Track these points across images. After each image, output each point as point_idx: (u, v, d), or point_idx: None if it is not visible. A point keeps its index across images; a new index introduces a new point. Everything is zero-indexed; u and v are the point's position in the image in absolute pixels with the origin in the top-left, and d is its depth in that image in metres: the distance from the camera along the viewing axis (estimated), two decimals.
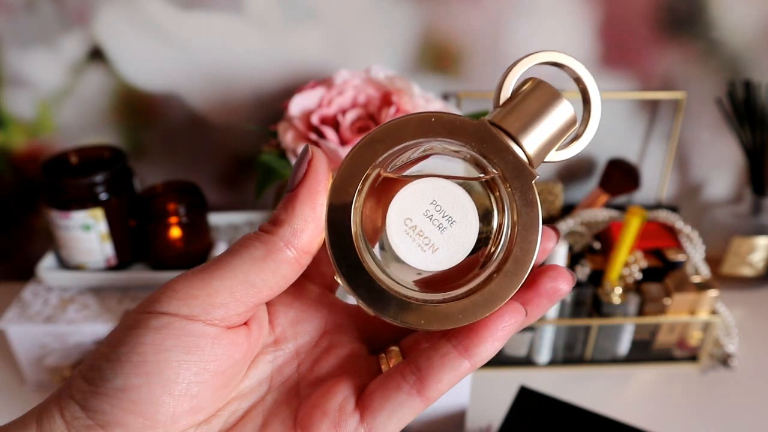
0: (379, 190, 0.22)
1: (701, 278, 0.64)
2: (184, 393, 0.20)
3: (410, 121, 0.22)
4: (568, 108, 0.23)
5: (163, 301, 0.20)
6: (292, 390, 0.24)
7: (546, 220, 0.72)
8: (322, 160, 0.22)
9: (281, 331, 0.25)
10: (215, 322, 0.21)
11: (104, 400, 0.20)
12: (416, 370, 0.22)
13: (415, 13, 0.66)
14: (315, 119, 0.56)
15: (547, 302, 0.22)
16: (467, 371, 0.22)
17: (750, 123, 0.69)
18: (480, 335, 0.21)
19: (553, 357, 0.66)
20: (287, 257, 0.21)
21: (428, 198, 0.22)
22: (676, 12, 0.67)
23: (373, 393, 0.22)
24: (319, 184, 0.21)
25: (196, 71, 0.68)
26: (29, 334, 0.59)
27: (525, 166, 0.22)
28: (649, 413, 0.61)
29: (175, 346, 0.20)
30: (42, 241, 0.77)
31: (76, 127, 0.71)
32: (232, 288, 0.21)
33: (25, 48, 0.66)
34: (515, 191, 0.22)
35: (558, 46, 0.68)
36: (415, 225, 0.22)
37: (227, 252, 0.22)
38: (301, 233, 0.21)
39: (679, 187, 0.78)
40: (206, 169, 0.74)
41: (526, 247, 0.21)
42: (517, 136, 0.22)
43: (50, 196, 0.60)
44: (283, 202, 0.22)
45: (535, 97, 0.22)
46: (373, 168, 0.22)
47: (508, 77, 0.23)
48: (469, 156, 0.22)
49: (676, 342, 0.66)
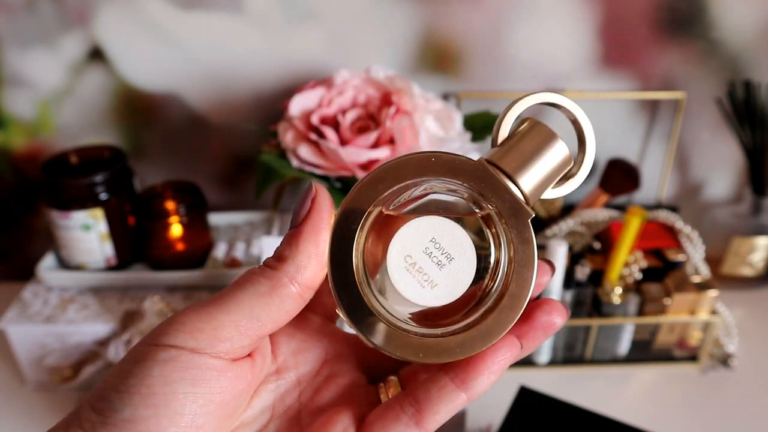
0: (380, 227, 0.23)
1: (701, 278, 0.64)
2: (189, 424, 0.21)
3: (411, 160, 0.22)
4: (563, 148, 0.24)
5: (170, 333, 0.21)
6: (293, 419, 0.25)
7: (546, 223, 0.72)
8: (326, 197, 0.22)
9: (283, 361, 0.26)
10: (221, 355, 0.21)
11: (112, 430, 0.20)
12: (414, 402, 0.22)
13: (415, 13, 0.66)
14: (315, 119, 0.56)
15: (542, 335, 0.23)
16: (464, 403, 0.22)
17: (750, 123, 0.69)
18: (477, 368, 0.22)
19: (553, 357, 0.66)
20: (291, 292, 0.22)
21: (428, 236, 0.22)
22: (676, 12, 0.67)
23: (373, 423, 0.22)
24: (322, 221, 0.22)
25: (196, 71, 0.68)
26: (29, 334, 0.59)
27: (521, 205, 0.22)
28: (649, 413, 0.61)
29: (182, 379, 0.20)
30: (42, 241, 0.77)
31: (76, 127, 0.71)
32: (237, 322, 0.21)
33: (25, 48, 0.66)
34: (512, 229, 0.22)
35: (558, 46, 0.68)
36: (415, 262, 0.22)
37: (232, 286, 0.22)
38: (304, 269, 0.22)
39: (679, 187, 0.78)
40: (206, 169, 0.75)
41: (522, 283, 0.22)
42: (514, 175, 0.23)
43: (50, 196, 0.60)
44: (287, 239, 0.22)
45: (531, 138, 0.23)
46: (374, 206, 0.23)
47: (507, 117, 0.24)
48: (467, 195, 0.23)
49: (676, 342, 0.66)
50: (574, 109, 0.24)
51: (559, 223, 0.69)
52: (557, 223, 0.69)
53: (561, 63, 0.69)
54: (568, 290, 0.62)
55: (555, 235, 0.68)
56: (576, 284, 0.63)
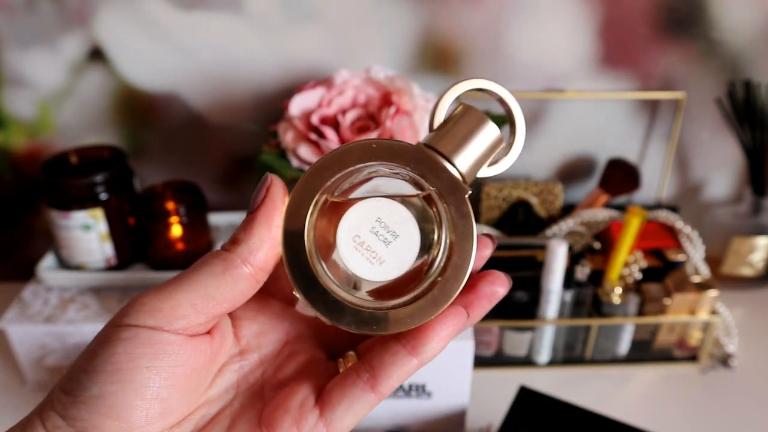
0: (329, 212, 0.25)
1: (701, 278, 0.64)
2: (155, 396, 0.22)
3: (354, 148, 0.24)
4: (494, 129, 0.25)
5: (131, 315, 0.22)
6: (257, 394, 0.26)
7: (546, 223, 0.72)
8: (279, 187, 0.24)
9: (246, 343, 0.27)
10: (179, 332, 0.23)
11: (82, 408, 0.21)
12: (369, 368, 0.24)
13: (415, 13, 0.66)
14: (315, 119, 0.56)
15: (486, 303, 0.25)
16: (416, 368, 0.24)
17: (750, 123, 0.69)
18: (426, 335, 0.24)
19: (553, 357, 0.66)
20: (244, 273, 0.23)
21: (373, 216, 0.24)
22: (676, 12, 0.67)
23: (331, 390, 0.24)
24: (275, 208, 0.24)
25: (196, 71, 0.68)
26: (29, 334, 0.59)
27: (459, 183, 0.24)
28: (649, 413, 0.61)
29: (144, 354, 0.22)
30: (42, 241, 0.77)
31: (76, 127, 0.71)
32: (193, 301, 0.23)
33: (25, 48, 0.66)
34: (451, 206, 0.24)
35: (558, 46, 0.68)
36: (363, 241, 0.24)
37: (190, 268, 0.24)
38: (257, 251, 0.23)
39: (679, 187, 0.78)
40: (206, 169, 0.75)
41: (463, 256, 0.24)
42: (451, 156, 0.25)
43: (50, 196, 0.60)
44: (242, 224, 0.24)
45: (465, 121, 0.25)
46: (321, 193, 0.24)
47: (441, 103, 0.25)
48: (408, 177, 0.25)
49: (676, 342, 0.66)
50: (503, 94, 0.25)
51: (559, 223, 0.69)
52: (557, 223, 0.69)
53: (561, 63, 0.69)
54: (568, 290, 0.62)
55: (555, 235, 0.68)
56: (576, 284, 0.63)
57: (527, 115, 0.72)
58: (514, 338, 0.65)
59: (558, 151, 0.75)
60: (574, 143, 0.74)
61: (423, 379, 0.54)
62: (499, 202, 0.72)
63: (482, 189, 0.72)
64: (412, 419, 0.57)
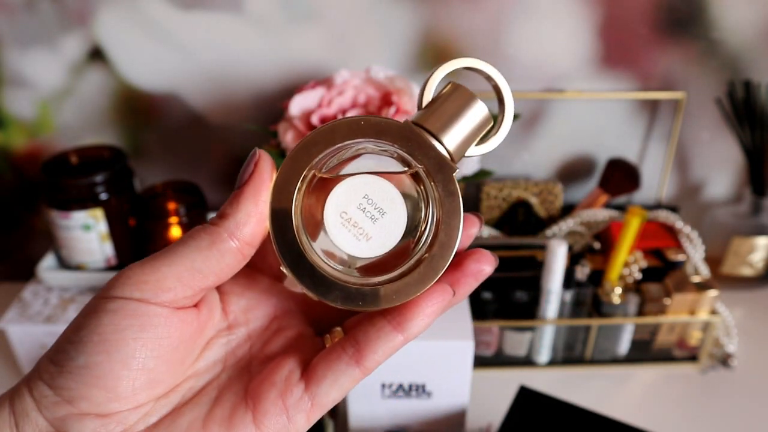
0: (317, 188, 0.25)
1: (701, 278, 0.64)
2: (141, 367, 0.22)
3: (341, 124, 0.24)
4: (482, 108, 0.25)
5: (117, 287, 0.23)
6: (244, 368, 0.26)
7: (546, 223, 0.72)
8: (268, 162, 0.24)
9: (234, 318, 0.27)
10: (165, 304, 0.23)
11: (69, 378, 0.22)
12: (355, 343, 0.24)
13: (415, 13, 0.66)
14: (315, 119, 0.56)
15: (473, 281, 0.25)
16: (401, 344, 0.24)
17: (750, 123, 0.69)
18: (412, 312, 0.24)
19: (553, 357, 0.66)
20: (230, 247, 0.23)
21: (361, 192, 0.24)
22: (676, 12, 0.67)
23: (317, 364, 0.24)
24: (263, 183, 0.24)
25: (196, 71, 0.68)
26: (29, 334, 0.59)
27: (446, 161, 0.24)
28: (649, 413, 0.61)
29: (130, 326, 0.22)
30: (42, 241, 0.77)
31: (76, 127, 0.71)
32: (179, 274, 0.23)
33: (25, 48, 0.66)
34: (438, 183, 0.24)
35: (558, 46, 0.68)
36: (350, 217, 0.24)
37: (177, 241, 0.24)
38: (243, 226, 0.23)
39: (679, 187, 0.78)
40: (206, 169, 0.75)
41: (449, 233, 0.24)
42: (438, 134, 0.24)
43: (50, 196, 0.60)
44: (230, 198, 0.24)
45: (453, 99, 0.25)
46: (309, 169, 0.24)
47: (429, 82, 0.25)
48: (396, 154, 0.25)
49: (676, 342, 0.66)
50: (492, 73, 0.25)
51: (559, 223, 0.69)
52: (557, 223, 0.69)
53: (561, 63, 0.69)
54: (568, 290, 0.62)
55: (555, 235, 0.68)
56: (576, 284, 0.63)
57: (527, 115, 0.72)
58: (514, 338, 0.65)
59: (558, 151, 0.75)
60: (574, 143, 0.74)
61: (423, 379, 0.54)
62: (499, 202, 0.72)
63: (482, 189, 0.72)
64: (412, 419, 0.57)
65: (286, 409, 0.24)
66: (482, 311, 0.64)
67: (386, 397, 0.55)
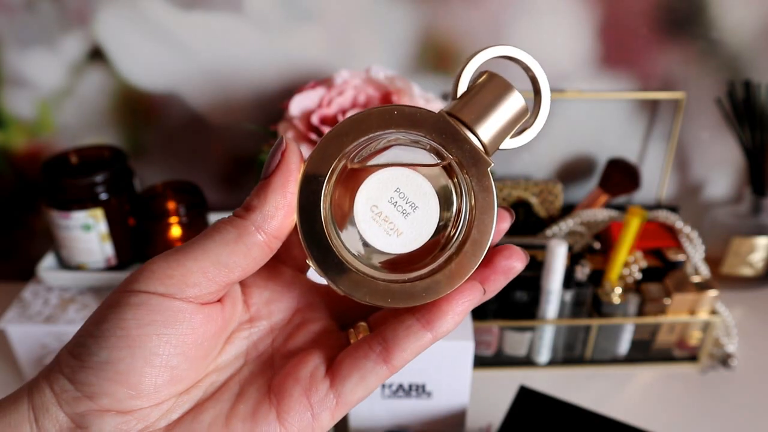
0: (347, 179, 0.24)
1: (701, 278, 0.64)
2: (164, 364, 0.22)
3: (373, 114, 0.23)
4: (519, 99, 0.24)
5: (141, 281, 0.22)
6: (266, 362, 0.26)
7: (546, 223, 0.72)
8: (295, 151, 0.23)
9: (256, 310, 0.27)
10: (190, 300, 0.22)
11: (91, 373, 0.21)
12: (382, 340, 0.23)
13: (415, 13, 0.66)
14: (315, 119, 0.56)
15: (503, 279, 0.24)
16: (430, 342, 0.23)
17: (750, 123, 0.69)
18: (442, 310, 0.23)
19: (553, 357, 0.66)
20: (257, 241, 0.23)
21: (392, 186, 0.23)
22: (676, 12, 0.67)
23: (343, 361, 0.24)
24: (290, 173, 0.23)
25: (196, 71, 0.68)
26: (29, 334, 0.59)
27: (480, 155, 0.23)
28: (649, 413, 0.61)
29: (154, 321, 0.21)
30: (42, 241, 0.77)
31: (76, 127, 0.71)
32: (205, 269, 0.22)
33: (25, 48, 0.66)
34: (472, 178, 0.23)
35: (558, 46, 0.68)
36: (381, 211, 0.23)
37: (202, 234, 0.23)
38: (271, 219, 0.23)
39: (679, 187, 0.78)
40: (206, 169, 0.75)
41: (482, 230, 0.23)
42: (473, 126, 0.24)
43: (50, 196, 0.60)
44: (257, 190, 0.23)
45: (489, 90, 0.24)
46: (340, 159, 0.23)
47: (465, 71, 0.25)
48: (429, 146, 0.24)
49: (676, 342, 0.66)
50: (529, 62, 0.25)
51: (559, 223, 0.69)
52: (557, 223, 0.69)
53: (561, 63, 0.69)
54: (568, 290, 0.62)
55: (555, 235, 0.68)
56: (576, 284, 0.63)
57: None
58: (514, 338, 0.65)
59: (558, 151, 0.75)
60: (574, 143, 0.74)
61: (423, 379, 0.54)
62: (499, 202, 0.72)
63: None
64: (412, 419, 0.57)
65: (311, 406, 0.23)
66: (482, 311, 0.64)
67: (386, 397, 0.55)
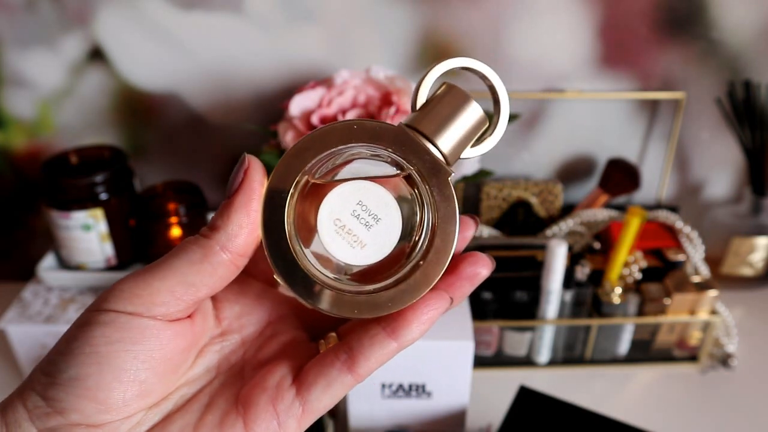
0: (310, 194, 0.24)
1: (701, 278, 0.64)
2: (132, 379, 0.22)
3: (335, 129, 0.23)
4: (477, 109, 0.24)
5: (110, 300, 0.23)
6: (237, 374, 0.26)
7: (546, 223, 0.72)
8: (258, 169, 0.24)
9: (227, 324, 0.27)
10: (158, 318, 0.23)
11: (61, 389, 0.22)
12: (348, 349, 0.24)
13: (415, 13, 0.66)
14: (315, 119, 0.56)
15: (468, 285, 0.24)
16: (395, 351, 0.24)
17: (750, 123, 0.69)
18: (407, 319, 0.23)
19: (553, 357, 0.66)
20: (222, 260, 0.23)
21: (354, 199, 0.24)
22: (676, 12, 0.67)
23: (309, 370, 0.24)
24: (253, 192, 0.23)
25: (196, 71, 0.68)
26: (29, 334, 0.59)
27: (441, 165, 0.24)
28: (649, 413, 0.61)
29: (122, 338, 0.22)
30: (42, 241, 0.77)
31: (76, 127, 0.71)
32: (171, 288, 0.23)
33: (25, 48, 0.66)
34: (433, 188, 0.24)
35: (558, 46, 0.68)
36: (344, 224, 0.24)
37: (169, 254, 0.23)
38: (235, 238, 0.23)
39: (679, 187, 0.78)
40: (206, 169, 0.75)
41: (445, 238, 0.24)
42: (433, 137, 0.24)
43: (50, 196, 0.60)
44: (220, 209, 0.23)
45: (447, 101, 0.24)
46: (302, 175, 0.24)
47: (423, 83, 0.25)
48: (390, 158, 0.24)
49: (676, 342, 0.66)
50: (487, 72, 0.25)
51: (559, 223, 0.69)
52: (557, 223, 0.69)
53: (561, 63, 0.69)
54: (568, 290, 0.62)
55: (555, 235, 0.68)
56: (576, 284, 0.63)
57: (527, 115, 0.72)
58: (514, 338, 0.65)
59: (558, 151, 0.75)
60: (574, 143, 0.74)
61: (423, 379, 0.54)
62: (499, 202, 0.72)
63: (482, 189, 0.72)
64: (412, 419, 0.57)
65: (277, 414, 0.23)
66: (482, 311, 0.64)
67: (386, 397, 0.55)
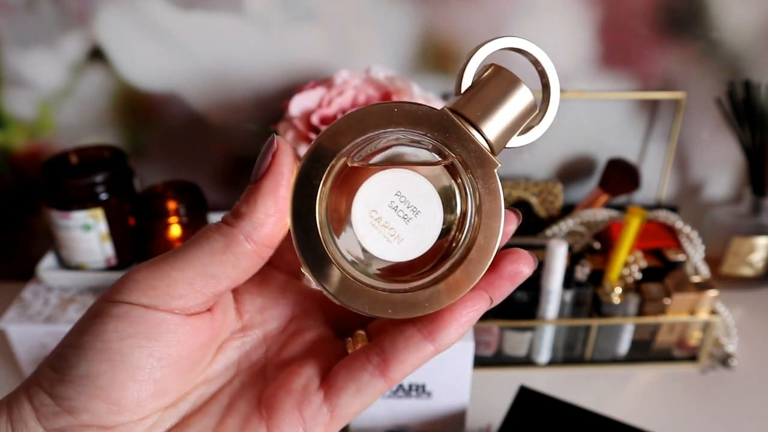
0: (344, 181, 0.22)
1: (701, 278, 0.64)
2: (147, 378, 0.20)
3: (373, 111, 0.21)
4: (527, 94, 0.23)
5: (123, 291, 0.21)
6: (259, 373, 0.24)
7: (546, 223, 0.72)
8: (288, 152, 0.21)
9: (249, 318, 0.25)
10: (175, 311, 0.21)
11: (70, 387, 0.20)
12: (380, 351, 0.22)
13: (415, 13, 0.66)
14: (315, 119, 0.56)
15: (509, 285, 0.22)
16: (431, 355, 0.22)
17: (750, 123, 0.69)
18: (445, 321, 0.22)
19: (553, 357, 0.66)
20: (247, 250, 0.21)
21: (393, 189, 0.22)
22: (676, 12, 0.67)
23: (338, 373, 0.22)
24: (282, 177, 0.21)
25: (196, 71, 0.68)
26: (29, 334, 0.59)
27: (486, 155, 0.22)
28: (649, 413, 0.61)
29: (137, 333, 0.20)
30: (42, 241, 0.77)
31: (76, 127, 0.71)
32: (190, 279, 0.21)
33: (25, 48, 0.66)
34: (478, 179, 0.22)
35: (558, 46, 0.68)
36: (381, 216, 0.22)
37: (188, 243, 0.22)
38: (261, 227, 0.21)
39: (679, 187, 0.78)
40: (206, 169, 0.75)
41: (489, 235, 0.22)
42: (478, 123, 0.22)
43: (50, 196, 0.60)
44: (245, 195, 0.22)
45: (495, 84, 0.22)
46: (338, 158, 0.21)
47: (469, 64, 0.23)
48: (431, 146, 0.22)
49: (676, 342, 0.66)
50: (538, 54, 0.23)
51: (559, 223, 0.69)
52: (557, 223, 0.69)
53: (561, 63, 0.69)
54: (568, 290, 0.62)
55: (555, 235, 0.68)
56: (576, 284, 0.63)
57: None
58: (514, 338, 0.65)
59: (558, 151, 0.75)
60: (574, 143, 0.74)
61: (423, 379, 0.54)
62: None
63: None
64: (412, 419, 0.57)
65: (304, 420, 0.22)
66: None
67: (386, 397, 0.55)
